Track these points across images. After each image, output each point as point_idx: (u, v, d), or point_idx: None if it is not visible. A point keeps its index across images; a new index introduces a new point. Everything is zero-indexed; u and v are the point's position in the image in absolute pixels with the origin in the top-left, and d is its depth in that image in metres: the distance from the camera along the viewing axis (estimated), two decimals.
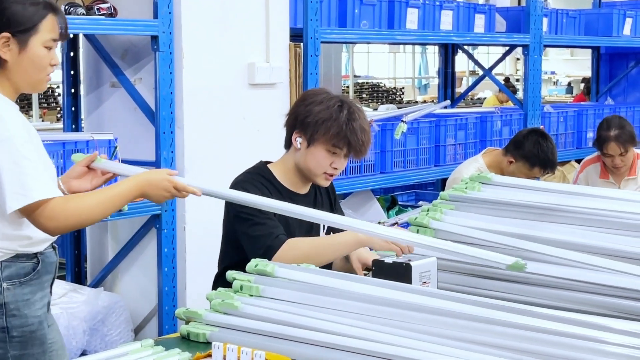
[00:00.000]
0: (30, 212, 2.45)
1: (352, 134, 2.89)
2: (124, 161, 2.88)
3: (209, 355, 2.08)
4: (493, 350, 2.03)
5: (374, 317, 2.23)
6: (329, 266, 2.94)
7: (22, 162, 2.43)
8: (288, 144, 3.04)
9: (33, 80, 2.57)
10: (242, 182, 2.99)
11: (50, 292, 2.66)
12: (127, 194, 2.54)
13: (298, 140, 2.97)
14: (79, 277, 4.78)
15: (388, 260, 2.60)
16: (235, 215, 2.95)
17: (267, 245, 2.87)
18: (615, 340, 2.00)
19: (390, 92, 18.54)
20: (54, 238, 2.62)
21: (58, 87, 13.04)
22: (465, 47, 7.39)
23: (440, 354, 2.03)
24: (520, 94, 10.63)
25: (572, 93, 19.09)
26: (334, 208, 3.20)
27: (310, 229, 3.06)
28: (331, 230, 3.06)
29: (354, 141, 2.90)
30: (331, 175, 2.99)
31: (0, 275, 2.51)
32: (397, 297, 2.27)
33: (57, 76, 4.24)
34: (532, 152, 4.60)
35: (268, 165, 3.07)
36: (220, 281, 2.86)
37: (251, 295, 2.40)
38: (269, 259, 2.71)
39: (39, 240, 2.56)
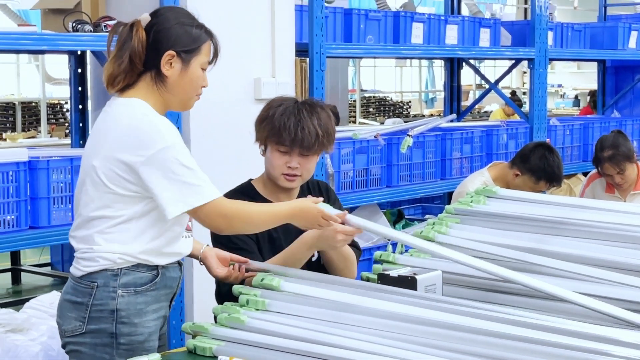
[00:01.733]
0: (197, 214, 2.55)
1: (286, 130, 2.88)
2: None
3: None
4: None
5: (381, 331, 2.24)
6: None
7: (181, 171, 2.51)
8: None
9: (186, 98, 2.71)
10: None
11: (170, 305, 2.74)
12: (282, 216, 2.65)
13: (261, 149, 3.01)
14: None
15: (393, 273, 2.61)
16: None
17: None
18: (621, 353, 2.00)
19: (397, 106, 18.57)
20: (182, 252, 2.70)
21: (66, 103, 13.11)
22: (471, 61, 7.41)
23: None
24: (526, 107, 10.64)
25: (578, 106, 19.10)
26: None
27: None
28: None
29: (289, 135, 2.88)
30: (291, 176, 2.95)
31: (118, 282, 2.57)
32: (405, 311, 2.27)
33: (65, 92, 4.27)
34: (538, 166, 4.60)
35: (252, 181, 3.08)
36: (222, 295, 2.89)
37: (257, 310, 2.42)
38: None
39: (164, 253, 2.63)
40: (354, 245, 3.15)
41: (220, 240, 2.91)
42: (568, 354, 2.03)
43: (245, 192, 3.02)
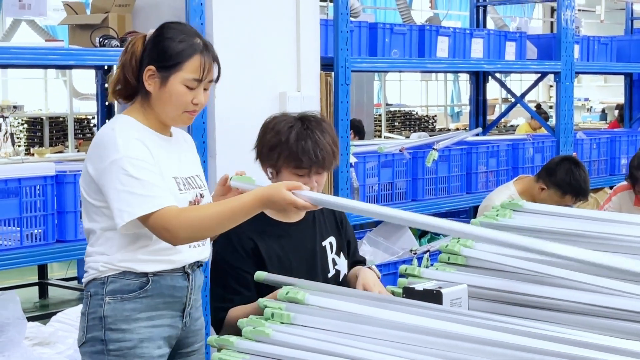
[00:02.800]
0: (146, 225, 2.55)
1: (304, 153, 2.87)
2: None
3: None
4: None
5: (407, 344, 2.23)
6: None
7: (128, 181, 2.52)
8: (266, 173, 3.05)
9: (170, 116, 2.68)
10: None
11: (183, 316, 2.74)
12: (249, 210, 2.57)
13: (269, 172, 2.98)
14: None
15: (418, 287, 2.60)
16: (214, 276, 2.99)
17: (219, 318, 2.94)
18: None
19: (423, 120, 18.53)
20: (174, 261, 2.68)
21: (93, 117, 13.19)
22: (497, 74, 7.39)
23: None
24: (552, 121, 10.60)
25: (606, 120, 18.99)
26: (340, 227, 3.15)
27: (312, 266, 3.02)
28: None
29: (309, 158, 2.87)
30: None
31: (105, 289, 2.62)
32: (430, 325, 2.27)
33: (92, 107, 4.31)
34: (565, 180, 4.58)
35: None
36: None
37: (282, 323, 2.41)
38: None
39: (151, 261, 2.64)
40: (360, 260, 3.17)
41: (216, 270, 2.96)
42: None
43: (257, 216, 2.97)
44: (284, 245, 2.97)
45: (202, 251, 2.78)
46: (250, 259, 2.92)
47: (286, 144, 2.89)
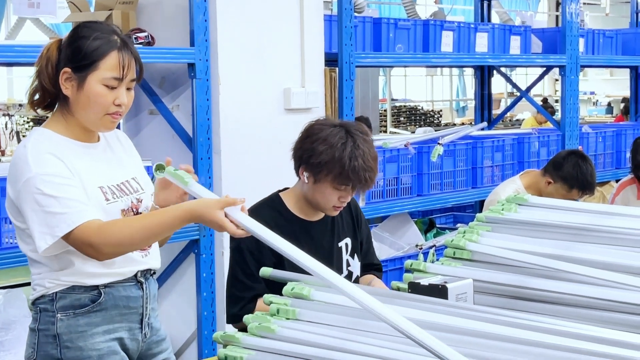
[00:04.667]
0: (69, 242, 2.41)
1: (354, 174, 2.87)
2: None
3: None
4: None
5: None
6: None
7: (44, 201, 2.38)
8: (298, 173, 3.04)
9: (92, 119, 2.50)
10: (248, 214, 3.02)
11: (142, 327, 2.61)
12: (177, 225, 2.44)
13: (305, 175, 2.96)
14: None
15: (424, 282, 2.60)
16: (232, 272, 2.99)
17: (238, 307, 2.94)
18: None
19: (428, 115, 18.53)
20: (123, 273, 2.54)
21: None
22: (502, 68, 7.38)
23: None
24: (558, 115, 10.59)
25: (612, 113, 18.97)
26: (357, 228, 3.18)
27: (328, 266, 3.02)
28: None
29: (356, 181, 2.89)
30: (340, 207, 2.98)
31: (55, 305, 2.50)
32: (436, 319, 2.27)
33: None
34: (571, 174, 4.57)
35: (281, 194, 3.06)
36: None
37: (288, 319, 2.41)
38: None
39: (97, 274, 2.50)
40: (377, 269, 3.18)
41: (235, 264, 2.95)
42: None
43: (273, 205, 3.02)
44: (303, 243, 2.97)
45: (151, 259, 2.64)
46: (270, 250, 2.90)
47: (339, 161, 2.87)
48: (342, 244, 3.09)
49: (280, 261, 2.91)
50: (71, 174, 2.44)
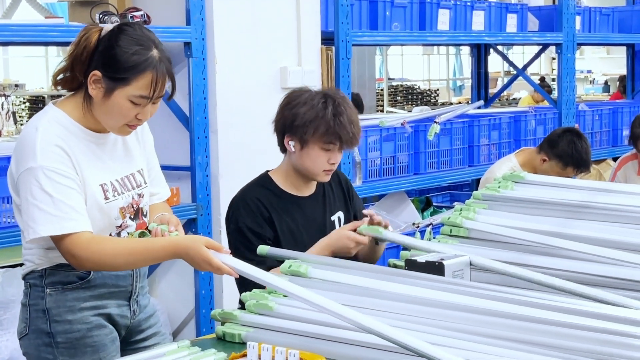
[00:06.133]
0: (54, 242, 2.44)
1: (341, 128, 2.90)
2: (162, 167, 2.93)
3: (244, 355, 2.10)
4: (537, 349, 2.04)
5: (408, 316, 2.24)
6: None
7: (39, 196, 2.39)
8: (283, 149, 3.05)
9: (110, 125, 2.50)
10: (240, 195, 3.03)
11: (131, 304, 2.64)
12: (162, 257, 2.49)
13: (291, 144, 2.97)
14: None
15: (421, 259, 2.61)
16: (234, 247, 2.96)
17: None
18: None
19: (425, 94, 18.51)
20: None
21: None
22: (498, 47, 7.36)
23: (479, 352, 2.04)
24: (555, 93, 10.58)
25: (608, 91, 18.94)
26: (349, 201, 3.19)
27: (322, 232, 3.04)
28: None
29: (345, 135, 2.91)
30: (330, 170, 3.00)
31: (44, 281, 2.54)
32: (432, 296, 2.28)
33: None
34: (566, 152, 4.58)
35: (269, 173, 3.08)
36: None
37: (285, 296, 2.43)
38: None
39: None
40: None
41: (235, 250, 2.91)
42: (598, 336, 2.02)
43: (263, 184, 3.04)
44: (296, 218, 3.00)
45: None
46: (268, 226, 2.95)
47: (323, 119, 2.91)
48: (334, 217, 3.10)
49: (277, 238, 2.93)
50: (74, 172, 2.45)
